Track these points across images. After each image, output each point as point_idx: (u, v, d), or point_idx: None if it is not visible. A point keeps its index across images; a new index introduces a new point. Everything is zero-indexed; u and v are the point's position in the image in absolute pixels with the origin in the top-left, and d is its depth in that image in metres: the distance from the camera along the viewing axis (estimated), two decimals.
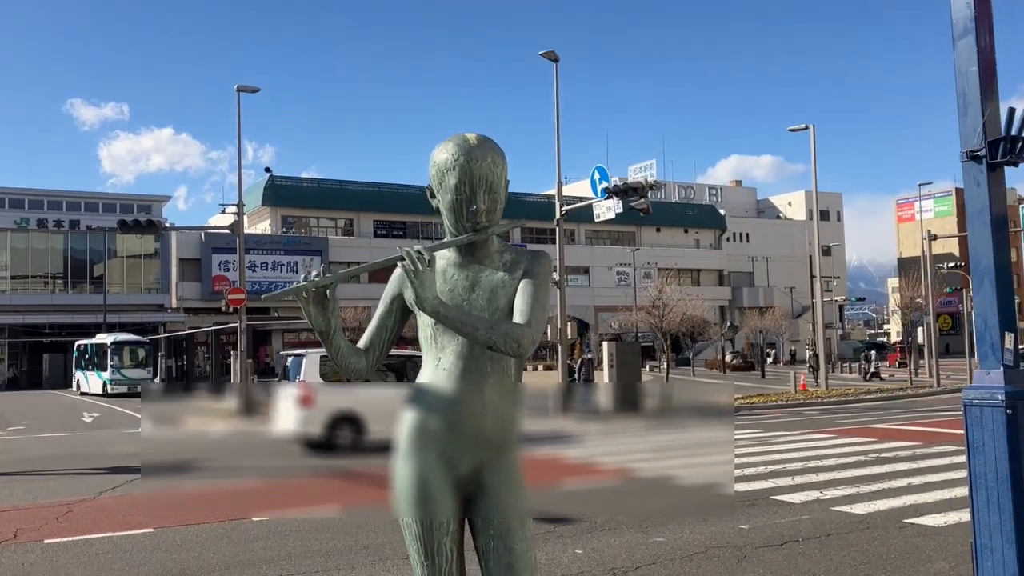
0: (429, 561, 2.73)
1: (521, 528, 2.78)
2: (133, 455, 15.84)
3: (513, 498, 2.80)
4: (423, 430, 2.79)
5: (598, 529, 8.31)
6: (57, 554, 7.69)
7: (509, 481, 2.82)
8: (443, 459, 2.74)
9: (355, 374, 2.90)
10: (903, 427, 18.08)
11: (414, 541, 2.76)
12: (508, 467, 2.84)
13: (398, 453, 2.88)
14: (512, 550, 2.73)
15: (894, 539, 7.67)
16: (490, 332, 2.61)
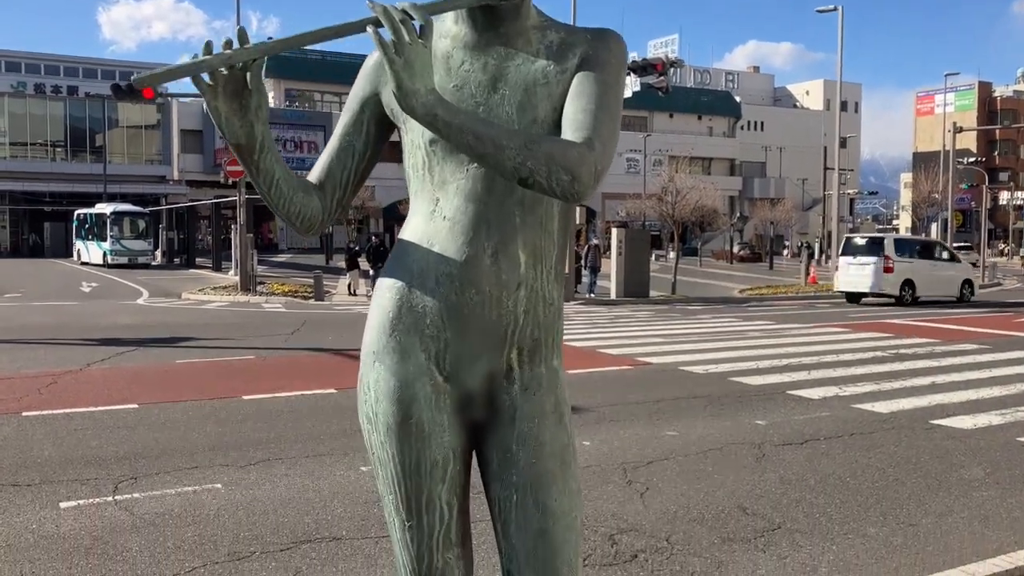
0: (414, 522, 1.82)
1: (563, 476, 1.84)
2: (128, 327, 15.46)
3: (550, 430, 1.84)
4: (409, 317, 1.84)
5: (606, 420, 7.85)
6: (34, 427, 7.26)
7: (544, 403, 1.85)
8: (440, 364, 1.82)
9: (302, 221, 1.92)
10: (919, 323, 17.59)
11: (391, 489, 1.84)
12: (544, 382, 1.87)
13: (367, 350, 1.91)
14: (547, 509, 1.80)
15: (922, 441, 7.20)
16: (524, 154, 1.60)
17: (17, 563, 4.35)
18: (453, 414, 1.85)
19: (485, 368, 1.85)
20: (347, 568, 4.34)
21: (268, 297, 23.01)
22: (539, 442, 1.83)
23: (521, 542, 1.81)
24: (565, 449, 1.87)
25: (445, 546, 1.83)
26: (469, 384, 1.86)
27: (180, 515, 5.10)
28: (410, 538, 1.83)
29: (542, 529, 1.80)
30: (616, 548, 4.68)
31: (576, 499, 1.86)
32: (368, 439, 1.90)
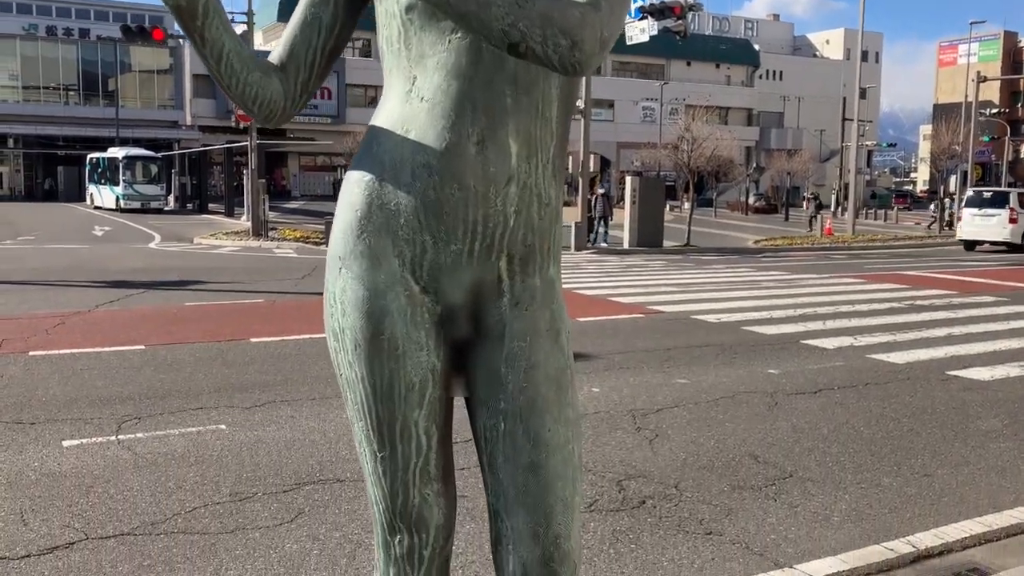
0: (387, 452, 1.60)
1: (558, 403, 1.61)
2: (138, 270, 15.42)
3: (544, 350, 1.62)
4: (379, 216, 1.59)
5: (616, 367, 7.75)
6: (40, 366, 7.22)
7: (537, 320, 1.63)
8: (416, 272, 1.59)
9: (260, 107, 1.68)
10: (936, 275, 17.36)
11: (361, 415, 1.62)
12: (538, 295, 1.64)
13: (332, 255, 1.70)
14: (539, 440, 1.58)
15: (938, 392, 7.07)
16: (515, 12, 1.34)
17: (18, 500, 4.31)
18: (432, 330, 1.62)
19: (469, 278, 1.60)
20: (350, 510, 4.27)
21: (279, 242, 22.93)
22: (531, 364, 1.60)
23: (510, 477, 1.60)
24: (561, 372, 1.64)
25: (423, 481, 1.62)
26: (450, 296, 1.62)
27: (183, 455, 5.04)
28: (383, 471, 1.62)
29: (534, 462, 1.59)
30: (624, 494, 4.60)
31: (573, 429, 1.64)
32: (335, 358, 1.68)
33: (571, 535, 1.61)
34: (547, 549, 1.57)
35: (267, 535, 3.96)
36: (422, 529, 1.62)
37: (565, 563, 1.59)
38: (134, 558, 3.69)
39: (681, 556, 3.87)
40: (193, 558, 3.70)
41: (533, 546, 1.57)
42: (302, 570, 3.62)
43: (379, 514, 1.66)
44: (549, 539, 1.57)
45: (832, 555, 3.90)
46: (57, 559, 3.66)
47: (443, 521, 1.65)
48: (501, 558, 1.62)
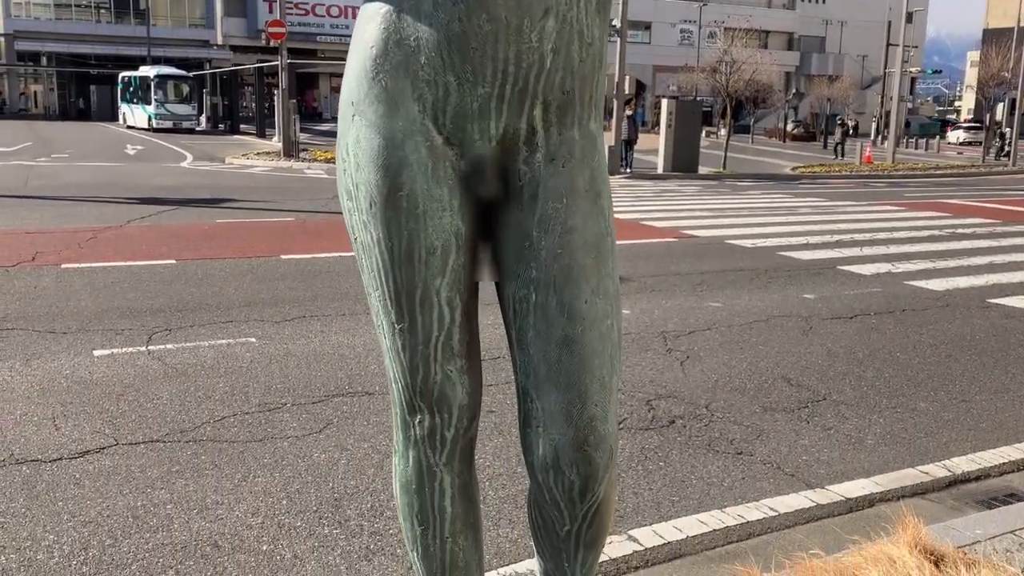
0: (406, 324, 1.46)
1: (596, 272, 1.44)
2: (170, 188, 15.43)
3: (583, 212, 1.44)
4: (397, 54, 1.40)
5: (648, 290, 7.65)
6: (72, 279, 7.25)
7: (575, 178, 1.44)
8: (438, 119, 1.40)
9: None
10: (979, 203, 16.94)
11: (378, 283, 1.48)
12: (576, 151, 1.45)
13: (345, 101, 1.50)
14: (574, 312, 1.42)
15: (978, 319, 6.91)
16: None
17: (50, 405, 4.34)
18: (455, 188, 1.44)
19: (498, 128, 1.40)
20: (378, 422, 4.26)
21: (310, 163, 22.83)
22: (567, 228, 1.42)
23: (541, 353, 1.43)
24: (601, 239, 1.46)
25: (445, 356, 1.47)
26: (477, 148, 1.42)
27: (212, 366, 5.05)
28: (402, 344, 1.47)
29: (568, 337, 1.42)
30: (653, 413, 4.55)
31: (613, 303, 1.47)
32: (349, 221, 1.53)
33: (608, 418, 1.47)
34: (581, 431, 1.43)
35: (295, 444, 3.96)
36: (444, 409, 1.49)
37: (601, 447, 1.45)
38: (163, 464, 3.70)
39: (710, 475, 3.82)
40: (221, 465, 3.71)
41: (566, 428, 1.43)
42: (330, 478, 3.62)
43: (398, 392, 1.53)
44: (584, 421, 1.43)
45: (865, 477, 3.84)
46: (88, 463, 3.69)
47: (467, 401, 1.51)
48: (530, 441, 1.48)
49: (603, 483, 1.46)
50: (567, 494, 1.45)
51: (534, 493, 1.52)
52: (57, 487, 3.45)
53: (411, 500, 1.55)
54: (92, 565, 2.90)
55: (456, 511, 1.56)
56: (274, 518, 3.26)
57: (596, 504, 1.48)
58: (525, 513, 3.36)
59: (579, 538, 1.52)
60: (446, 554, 1.55)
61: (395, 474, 1.60)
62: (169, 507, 3.32)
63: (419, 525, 1.56)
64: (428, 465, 1.53)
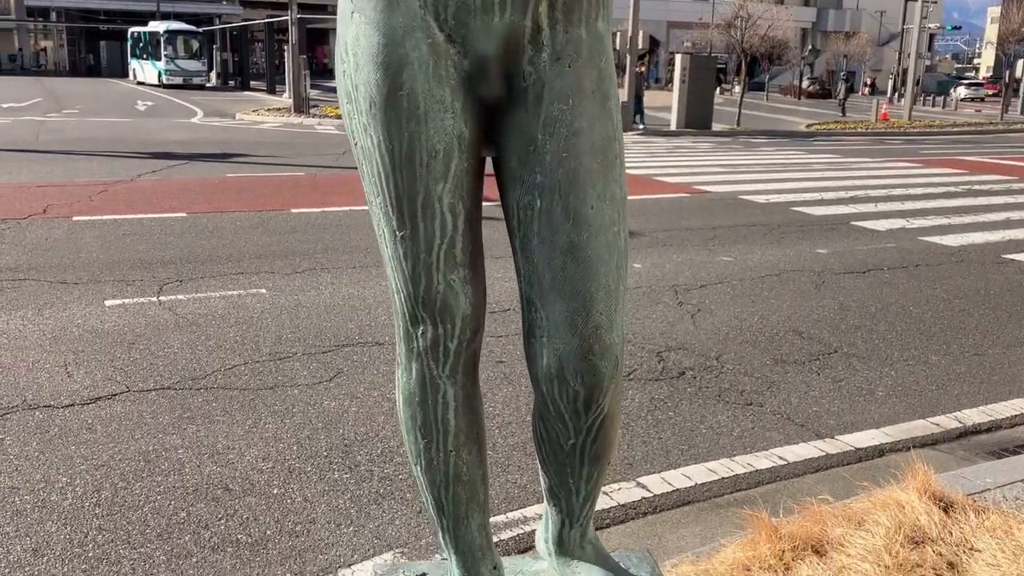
0: (407, 231, 1.41)
1: (603, 177, 1.40)
2: (180, 142, 15.39)
3: (590, 114, 1.38)
4: None
5: (660, 244, 7.61)
6: (83, 231, 7.26)
7: (583, 78, 1.39)
8: (440, 16, 1.35)
9: None
10: (996, 160, 16.74)
11: (378, 188, 1.42)
12: (583, 50, 1.39)
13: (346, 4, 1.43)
14: (580, 217, 1.38)
15: (992, 274, 6.85)
16: None
17: (62, 353, 4.36)
18: (458, 89, 1.38)
19: (502, 25, 1.34)
20: (387, 372, 4.26)
21: (321, 119, 22.71)
22: (573, 130, 1.37)
23: (545, 260, 1.40)
24: (608, 142, 1.40)
25: (448, 265, 1.44)
26: (479, 47, 1.36)
27: (223, 316, 5.06)
28: (403, 252, 1.43)
29: (573, 243, 1.38)
30: (663, 364, 4.54)
31: (620, 210, 1.42)
32: (349, 126, 1.48)
33: (613, 327, 1.43)
34: (586, 340, 1.40)
35: (305, 392, 3.97)
36: (447, 319, 1.46)
37: (606, 357, 1.42)
38: (174, 410, 3.72)
39: (720, 424, 3.82)
40: (232, 412, 3.73)
41: (570, 337, 1.41)
42: (339, 425, 3.63)
43: (400, 303, 1.50)
44: (588, 329, 1.40)
45: (875, 428, 3.83)
46: (100, 408, 3.71)
47: (470, 311, 1.48)
48: (534, 351, 1.46)
49: (608, 394, 1.43)
50: (571, 405, 1.43)
51: (538, 406, 1.50)
52: (70, 432, 3.48)
53: (414, 413, 1.53)
54: (105, 507, 2.92)
55: (460, 424, 1.53)
56: (284, 463, 3.28)
57: (601, 416, 1.46)
58: (534, 460, 3.37)
59: (584, 452, 1.51)
60: (450, 467, 1.54)
61: (398, 387, 1.57)
62: (180, 452, 3.34)
63: (422, 438, 1.54)
64: (431, 377, 1.50)
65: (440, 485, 1.56)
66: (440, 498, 1.57)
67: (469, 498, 1.57)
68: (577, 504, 1.61)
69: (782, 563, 2.37)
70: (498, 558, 1.64)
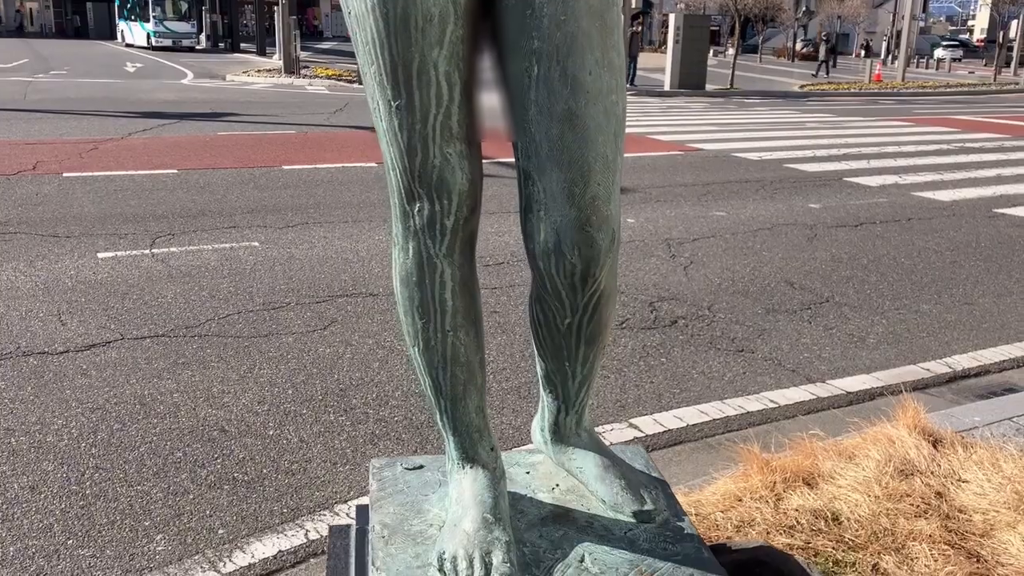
0: (402, 100, 1.37)
1: (602, 42, 1.37)
2: (171, 102, 15.26)
3: None
4: None
5: (653, 200, 7.61)
6: (74, 187, 7.22)
7: None
8: None
9: None
10: (988, 119, 16.71)
11: (372, 56, 1.38)
12: None
13: None
14: (578, 84, 1.35)
15: (984, 228, 6.88)
16: None
17: (55, 303, 4.36)
18: None
19: None
20: (382, 320, 4.28)
21: (312, 80, 22.52)
22: None
23: (543, 130, 1.37)
24: (607, 7, 1.37)
25: (444, 137, 1.40)
26: None
27: (216, 268, 5.06)
28: (399, 123, 1.39)
29: (571, 111, 1.35)
30: (656, 314, 4.56)
31: (618, 78, 1.41)
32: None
33: (611, 198, 1.42)
34: (583, 211, 1.39)
35: (300, 340, 3.98)
36: (443, 194, 1.43)
37: (603, 229, 1.41)
38: (169, 356, 3.73)
39: (711, 370, 3.85)
40: (227, 358, 3.74)
41: (567, 208, 1.39)
42: (335, 370, 3.65)
43: (395, 180, 1.47)
44: (586, 200, 1.39)
45: (866, 373, 3.87)
46: (95, 355, 3.72)
47: (467, 188, 1.45)
48: (532, 226, 1.44)
49: (605, 268, 1.43)
50: (569, 279, 1.43)
51: (536, 287, 1.50)
52: (64, 377, 3.49)
53: (411, 293, 1.52)
54: (101, 447, 2.94)
55: (457, 304, 1.52)
56: (280, 406, 3.30)
57: (598, 293, 1.46)
58: (529, 404, 3.40)
59: (580, 332, 1.51)
60: (447, 348, 1.54)
61: (394, 267, 1.56)
62: (176, 395, 3.36)
63: (420, 319, 1.53)
64: (428, 256, 1.48)
65: (438, 366, 1.56)
66: (438, 379, 1.57)
67: (467, 379, 1.58)
68: (573, 388, 1.63)
69: (773, 494, 2.40)
70: (495, 440, 1.65)
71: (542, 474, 1.75)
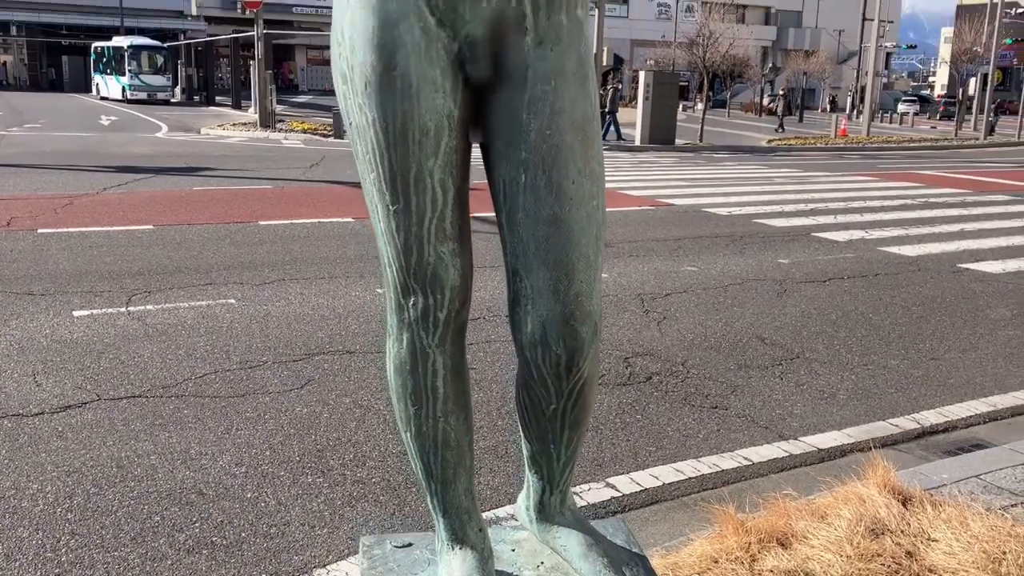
0: (400, 205, 1.49)
1: (583, 153, 1.50)
2: (146, 156, 15.30)
3: (571, 95, 1.49)
4: None
5: (626, 255, 7.72)
6: (49, 243, 7.21)
7: (564, 62, 1.49)
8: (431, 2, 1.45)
9: None
10: (951, 174, 17.12)
11: (372, 165, 1.49)
12: (564, 35, 1.50)
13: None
14: (562, 191, 1.48)
15: (948, 283, 7.04)
16: None
17: (30, 363, 4.35)
18: (448, 70, 1.48)
19: (489, 10, 1.45)
20: (359, 379, 4.30)
21: (287, 134, 22.66)
22: (556, 109, 1.48)
23: (530, 232, 1.50)
24: (588, 121, 1.52)
25: (438, 237, 1.53)
26: (469, 30, 1.46)
27: (193, 326, 5.07)
28: (396, 225, 1.51)
29: (556, 215, 1.48)
30: (631, 370, 4.62)
31: (599, 184, 1.55)
32: (344, 106, 1.56)
33: (593, 294, 1.53)
34: (568, 306, 1.50)
35: (277, 400, 3.99)
36: (437, 289, 1.55)
37: (586, 322, 1.52)
38: (146, 417, 3.73)
39: (687, 427, 3.90)
40: (204, 419, 3.74)
41: (553, 303, 1.50)
42: (312, 431, 3.66)
43: (392, 275, 1.58)
44: (570, 296, 1.50)
45: (837, 429, 3.94)
46: (71, 416, 3.71)
47: (459, 283, 1.57)
48: (519, 319, 1.55)
49: (588, 358, 1.53)
50: (554, 369, 1.52)
51: (522, 373, 1.58)
52: (40, 439, 3.47)
53: (405, 381, 1.61)
54: (77, 512, 2.93)
55: (448, 391, 1.61)
56: (258, 468, 3.31)
57: (582, 380, 1.55)
58: (506, 463, 3.43)
59: (564, 416, 1.60)
60: (438, 433, 1.62)
61: (389, 357, 1.63)
62: (153, 458, 3.35)
63: (412, 405, 1.61)
64: (421, 346, 1.57)
65: (429, 450, 1.63)
66: (429, 463, 1.64)
67: (456, 463, 1.65)
68: (557, 469, 1.69)
69: (748, 555, 2.45)
70: (483, 521, 1.71)
71: (527, 552, 1.79)
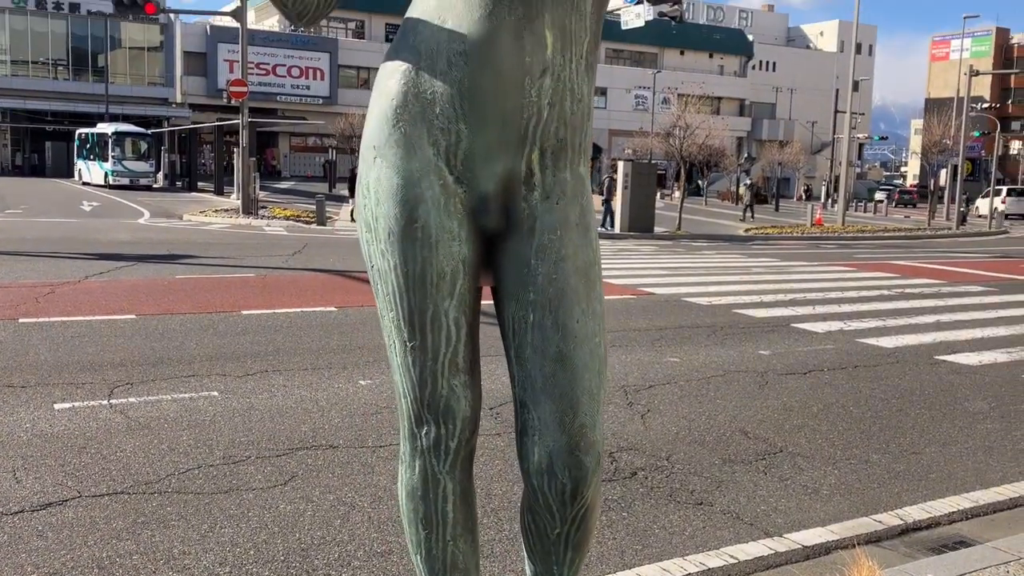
0: (417, 342, 1.61)
1: (587, 295, 1.65)
2: (127, 243, 15.35)
3: (574, 243, 1.64)
4: (415, 105, 1.61)
5: (609, 345, 7.75)
6: (30, 333, 7.19)
7: (568, 213, 1.64)
8: (450, 161, 1.59)
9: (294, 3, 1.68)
10: (925, 265, 17.45)
11: (392, 305, 1.62)
12: (568, 189, 1.65)
13: (367, 145, 1.69)
14: (567, 331, 1.61)
15: (927, 375, 7.13)
16: None
17: (10, 458, 4.30)
18: (464, 221, 1.63)
19: (501, 169, 1.61)
20: (343, 475, 4.28)
21: (270, 220, 22.84)
22: (561, 256, 1.62)
23: (537, 367, 1.61)
24: (590, 266, 1.67)
25: (451, 371, 1.63)
26: (483, 187, 1.62)
27: (175, 420, 5.04)
28: (412, 360, 1.62)
29: (561, 353, 1.60)
30: (616, 465, 4.63)
31: (600, 323, 1.68)
32: (367, 251, 1.68)
33: (596, 426, 1.62)
34: (573, 438, 1.59)
35: (261, 496, 3.96)
36: (449, 420, 1.63)
37: (590, 453, 1.61)
38: (128, 515, 3.69)
39: (672, 524, 3.90)
40: (187, 516, 3.70)
41: (559, 435, 1.58)
42: (296, 529, 3.63)
43: (406, 406, 1.66)
44: (575, 428, 1.59)
45: (821, 526, 3.94)
46: (51, 515, 3.66)
47: (469, 413, 1.66)
48: (527, 449, 1.63)
49: (591, 487, 1.59)
50: (559, 497, 1.58)
51: (528, 499, 1.63)
52: (20, 539, 3.42)
53: (416, 506, 1.67)
54: None
55: (457, 516, 1.67)
56: (242, 568, 3.27)
57: (585, 507, 1.61)
58: (497, 566, 3.41)
59: (568, 540, 1.64)
60: (447, 556, 1.66)
61: (401, 482, 1.70)
62: (135, 558, 3.31)
63: (423, 529, 1.67)
64: (433, 473, 1.65)
65: (438, 572, 1.66)
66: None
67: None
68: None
69: None
70: None
71: None
